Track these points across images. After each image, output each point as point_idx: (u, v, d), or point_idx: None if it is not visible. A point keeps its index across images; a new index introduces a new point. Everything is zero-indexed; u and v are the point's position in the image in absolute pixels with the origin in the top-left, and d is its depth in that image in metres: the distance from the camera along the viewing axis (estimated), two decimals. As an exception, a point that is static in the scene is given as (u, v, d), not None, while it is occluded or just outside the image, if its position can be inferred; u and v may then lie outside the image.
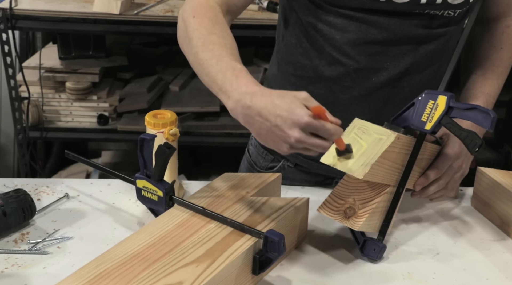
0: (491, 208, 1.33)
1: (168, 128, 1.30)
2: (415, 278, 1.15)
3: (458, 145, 1.25)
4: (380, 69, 1.28)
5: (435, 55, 1.30)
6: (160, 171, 1.18)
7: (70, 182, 1.44)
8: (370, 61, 1.27)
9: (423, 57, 1.28)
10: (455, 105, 1.14)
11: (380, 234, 1.18)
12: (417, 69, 1.29)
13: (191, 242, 1.08)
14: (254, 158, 1.54)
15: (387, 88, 1.30)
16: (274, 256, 1.06)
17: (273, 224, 1.13)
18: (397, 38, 1.25)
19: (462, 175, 1.30)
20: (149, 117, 1.32)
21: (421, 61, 1.29)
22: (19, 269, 1.14)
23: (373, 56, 1.26)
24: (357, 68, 1.28)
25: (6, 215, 1.21)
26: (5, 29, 2.44)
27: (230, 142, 2.72)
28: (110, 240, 1.22)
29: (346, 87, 1.30)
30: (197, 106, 2.74)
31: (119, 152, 3.31)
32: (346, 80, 1.29)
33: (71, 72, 2.71)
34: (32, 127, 2.70)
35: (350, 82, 1.29)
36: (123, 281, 0.98)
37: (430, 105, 1.16)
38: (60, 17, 2.45)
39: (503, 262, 1.21)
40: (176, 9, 2.48)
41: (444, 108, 1.14)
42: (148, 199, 1.21)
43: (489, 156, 2.82)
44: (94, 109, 2.74)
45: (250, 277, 1.09)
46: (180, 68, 3.00)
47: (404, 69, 1.28)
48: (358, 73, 1.28)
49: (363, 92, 1.30)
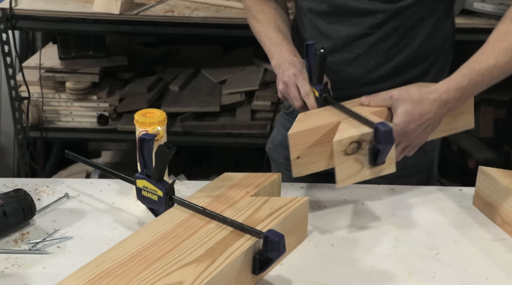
0: (492, 207, 1.33)
1: (152, 127, 1.30)
2: (415, 278, 1.15)
3: (401, 117, 1.26)
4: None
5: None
6: (160, 170, 1.18)
7: (70, 182, 1.44)
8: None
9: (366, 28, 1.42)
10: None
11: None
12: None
13: (191, 242, 1.08)
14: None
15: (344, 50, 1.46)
16: (274, 256, 1.06)
17: (273, 224, 1.13)
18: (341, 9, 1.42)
19: (415, 144, 1.31)
20: (138, 116, 1.33)
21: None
22: (19, 269, 1.14)
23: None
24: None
25: (6, 215, 1.21)
26: (5, 29, 2.44)
27: (230, 142, 2.72)
28: (110, 240, 1.22)
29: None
30: (197, 106, 2.74)
31: (119, 152, 3.31)
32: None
33: (71, 72, 2.71)
34: (32, 127, 2.69)
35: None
36: (123, 281, 0.98)
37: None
38: (60, 17, 2.45)
39: (503, 262, 1.21)
40: (176, 9, 2.48)
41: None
42: (148, 198, 1.21)
43: (489, 156, 2.82)
44: (94, 109, 2.74)
45: (250, 277, 1.09)
46: (180, 68, 3.00)
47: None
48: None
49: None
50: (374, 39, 1.42)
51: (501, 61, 1.26)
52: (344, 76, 1.48)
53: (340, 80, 1.47)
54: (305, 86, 1.33)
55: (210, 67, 2.98)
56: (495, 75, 1.28)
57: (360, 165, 1.23)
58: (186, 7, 2.51)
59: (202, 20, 2.42)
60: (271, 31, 1.48)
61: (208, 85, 2.89)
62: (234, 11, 2.47)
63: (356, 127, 1.23)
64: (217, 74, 2.90)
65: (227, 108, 2.74)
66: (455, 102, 1.28)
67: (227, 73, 2.90)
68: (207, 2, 2.54)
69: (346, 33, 1.44)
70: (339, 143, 1.19)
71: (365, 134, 1.21)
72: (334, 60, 1.46)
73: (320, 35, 1.47)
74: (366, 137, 1.21)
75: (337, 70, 1.47)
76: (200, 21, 2.42)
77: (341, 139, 1.19)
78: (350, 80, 1.48)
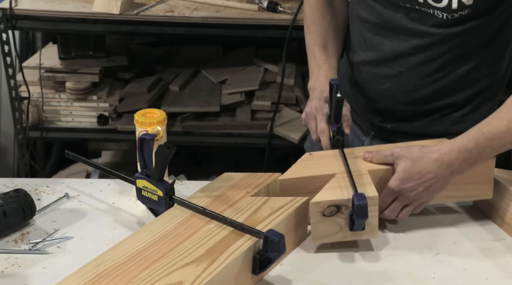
0: (492, 207, 1.33)
1: (152, 127, 1.30)
2: (415, 278, 1.15)
3: (400, 174, 1.23)
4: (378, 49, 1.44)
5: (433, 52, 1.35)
6: (160, 170, 1.18)
7: (70, 182, 1.44)
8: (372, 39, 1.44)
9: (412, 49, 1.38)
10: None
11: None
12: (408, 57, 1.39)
13: (191, 242, 1.08)
14: None
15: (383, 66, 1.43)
16: (274, 256, 1.06)
17: (273, 224, 1.13)
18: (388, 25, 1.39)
19: (417, 204, 1.26)
20: (138, 116, 1.33)
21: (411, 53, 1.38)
22: (19, 269, 1.14)
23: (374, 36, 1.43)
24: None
25: (6, 215, 1.21)
26: (5, 29, 2.44)
27: (230, 142, 2.72)
28: (110, 240, 1.22)
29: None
30: (197, 106, 2.74)
31: (119, 152, 3.31)
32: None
33: (71, 72, 2.71)
34: (32, 127, 2.69)
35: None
36: (123, 281, 0.98)
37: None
38: (60, 17, 2.44)
39: (503, 261, 1.21)
40: (176, 9, 2.48)
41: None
42: (148, 198, 1.21)
43: (489, 156, 2.81)
44: (94, 109, 2.74)
45: (250, 277, 1.09)
46: (180, 68, 3.00)
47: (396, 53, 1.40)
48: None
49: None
50: (418, 59, 1.37)
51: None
52: (383, 90, 1.44)
53: (377, 92, 1.46)
54: (322, 123, 1.35)
55: (210, 67, 2.97)
56: (507, 142, 1.22)
57: (338, 227, 1.18)
58: (186, 7, 2.50)
59: (202, 20, 2.42)
60: (316, 48, 1.48)
61: (208, 85, 2.89)
62: (234, 11, 2.47)
63: (341, 189, 1.19)
64: (217, 74, 2.90)
65: (227, 108, 2.74)
66: (458, 165, 1.21)
67: (227, 73, 2.89)
68: (207, 2, 2.53)
69: (390, 48, 1.40)
70: (317, 205, 1.16)
71: (344, 201, 1.16)
72: (375, 72, 1.44)
73: (365, 43, 1.44)
74: (347, 203, 1.16)
75: (376, 82, 1.45)
76: (200, 21, 2.42)
77: (318, 202, 1.16)
78: (387, 95, 1.45)
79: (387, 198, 1.25)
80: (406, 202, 1.25)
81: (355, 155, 1.30)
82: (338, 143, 1.33)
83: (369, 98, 1.49)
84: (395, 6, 1.35)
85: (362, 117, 1.55)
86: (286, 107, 2.76)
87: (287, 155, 3.00)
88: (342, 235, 1.19)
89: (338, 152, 1.31)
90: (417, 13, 1.32)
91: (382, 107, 1.48)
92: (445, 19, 1.29)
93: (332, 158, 1.30)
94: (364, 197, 1.13)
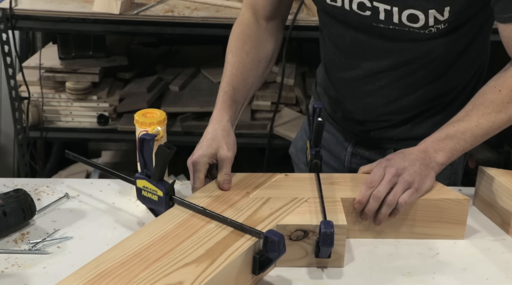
0: (492, 207, 1.33)
1: (152, 127, 1.30)
2: (415, 278, 1.15)
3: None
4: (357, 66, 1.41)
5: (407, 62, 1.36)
6: (160, 171, 1.18)
7: (70, 182, 1.44)
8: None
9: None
10: None
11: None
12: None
13: (191, 242, 1.08)
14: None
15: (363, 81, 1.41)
16: (274, 256, 1.06)
17: (273, 224, 1.13)
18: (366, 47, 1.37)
19: (406, 185, 1.22)
20: (138, 116, 1.33)
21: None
22: (19, 269, 1.14)
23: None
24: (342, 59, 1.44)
25: (6, 215, 1.21)
26: (5, 29, 2.44)
27: (230, 142, 2.72)
28: (110, 240, 1.22)
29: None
30: (197, 106, 2.74)
31: (119, 152, 3.31)
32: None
33: (71, 72, 2.71)
34: (32, 127, 2.69)
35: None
36: (123, 281, 0.98)
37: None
38: (60, 17, 2.45)
39: (503, 262, 1.21)
40: (176, 9, 2.48)
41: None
42: (148, 199, 1.21)
43: (489, 156, 2.82)
44: (94, 109, 2.74)
45: (250, 277, 1.09)
46: (180, 68, 3.00)
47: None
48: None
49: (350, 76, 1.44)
50: (399, 73, 1.37)
51: (484, 124, 1.25)
52: (364, 104, 1.44)
53: (359, 107, 1.45)
54: (197, 182, 1.26)
55: (210, 67, 2.98)
56: (479, 135, 1.26)
57: (304, 252, 1.15)
58: (186, 7, 2.51)
59: (202, 20, 2.42)
60: (224, 84, 1.37)
61: (208, 85, 2.89)
62: (234, 11, 2.47)
63: (311, 214, 1.17)
64: (217, 74, 2.90)
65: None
66: (434, 152, 1.25)
67: (227, 73, 2.89)
68: (207, 2, 2.54)
69: (369, 66, 1.38)
70: (284, 228, 1.14)
71: (312, 226, 1.14)
72: (355, 88, 1.43)
73: (341, 64, 1.43)
74: (314, 229, 1.14)
75: (357, 98, 1.44)
76: (200, 21, 2.42)
77: (286, 225, 1.14)
78: (369, 109, 1.45)
79: (377, 170, 1.23)
80: (396, 180, 1.21)
81: (332, 180, 1.29)
82: (316, 166, 1.31)
83: (349, 111, 1.49)
84: (368, 27, 1.31)
85: (343, 127, 1.54)
86: (286, 107, 2.76)
87: (287, 155, 3.00)
88: (308, 261, 1.17)
89: (314, 176, 1.29)
90: (393, 32, 1.30)
91: (365, 118, 1.48)
92: (422, 33, 1.28)
93: (308, 181, 1.28)
94: (331, 224, 1.10)
